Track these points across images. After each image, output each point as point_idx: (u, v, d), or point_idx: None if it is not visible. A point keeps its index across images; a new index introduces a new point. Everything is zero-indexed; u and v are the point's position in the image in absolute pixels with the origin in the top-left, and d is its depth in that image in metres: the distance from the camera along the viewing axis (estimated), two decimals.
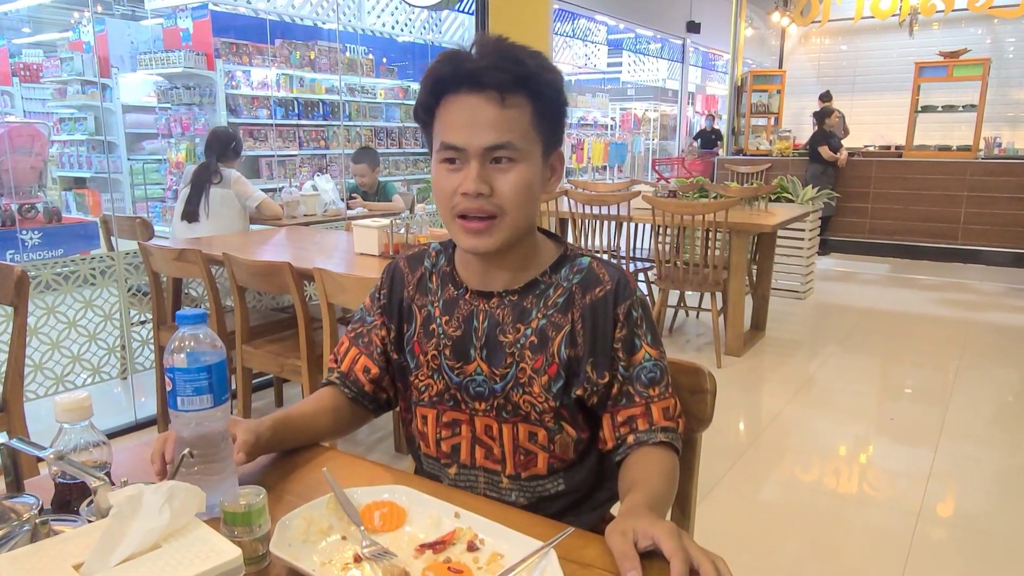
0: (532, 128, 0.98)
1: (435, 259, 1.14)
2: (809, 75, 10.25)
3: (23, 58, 8.21)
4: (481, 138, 0.95)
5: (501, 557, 0.80)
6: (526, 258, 1.06)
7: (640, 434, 1.02)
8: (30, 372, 2.82)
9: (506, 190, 0.97)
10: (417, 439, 1.15)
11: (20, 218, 6.22)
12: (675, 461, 1.02)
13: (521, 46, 0.98)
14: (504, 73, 0.94)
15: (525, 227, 1.02)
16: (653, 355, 1.05)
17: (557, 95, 1.00)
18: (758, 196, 4.82)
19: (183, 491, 0.63)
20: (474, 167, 0.96)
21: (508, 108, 0.95)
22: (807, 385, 3.83)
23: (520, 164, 0.97)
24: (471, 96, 0.95)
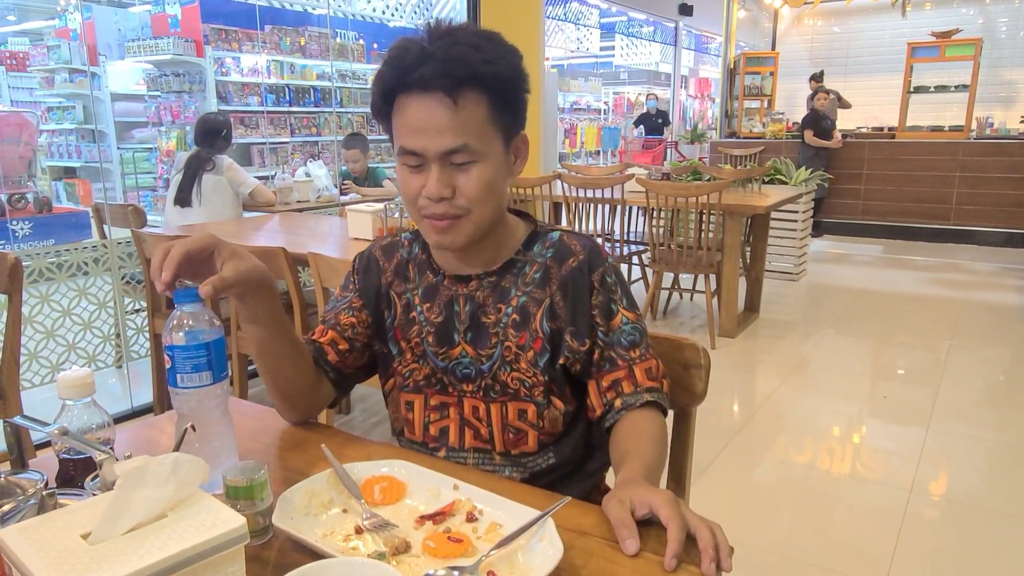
0: (489, 123, 0.96)
1: (409, 248, 1.14)
2: (802, 57, 10.24)
3: (9, 46, 8.13)
4: (437, 143, 0.94)
5: (500, 527, 0.81)
6: (499, 242, 1.07)
7: (627, 397, 1.03)
8: (25, 361, 2.82)
9: (468, 190, 0.97)
10: (402, 426, 1.16)
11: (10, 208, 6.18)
12: (663, 422, 1.04)
13: (471, 35, 0.96)
14: (449, 77, 0.92)
15: (492, 221, 1.02)
16: (631, 318, 1.07)
17: (512, 83, 0.98)
18: (752, 178, 4.83)
19: (187, 462, 0.64)
20: (434, 171, 0.96)
21: (461, 109, 0.93)
22: (800, 366, 3.86)
23: (480, 163, 0.97)
24: (423, 98, 0.94)
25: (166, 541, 0.58)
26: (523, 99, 1.01)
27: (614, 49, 14.21)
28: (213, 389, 0.89)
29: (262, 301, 0.99)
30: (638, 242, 4.87)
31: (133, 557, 0.56)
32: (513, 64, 0.98)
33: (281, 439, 1.09)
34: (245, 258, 0.94)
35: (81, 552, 0.57)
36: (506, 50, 0.98)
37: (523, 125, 1.04)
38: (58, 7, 7.73)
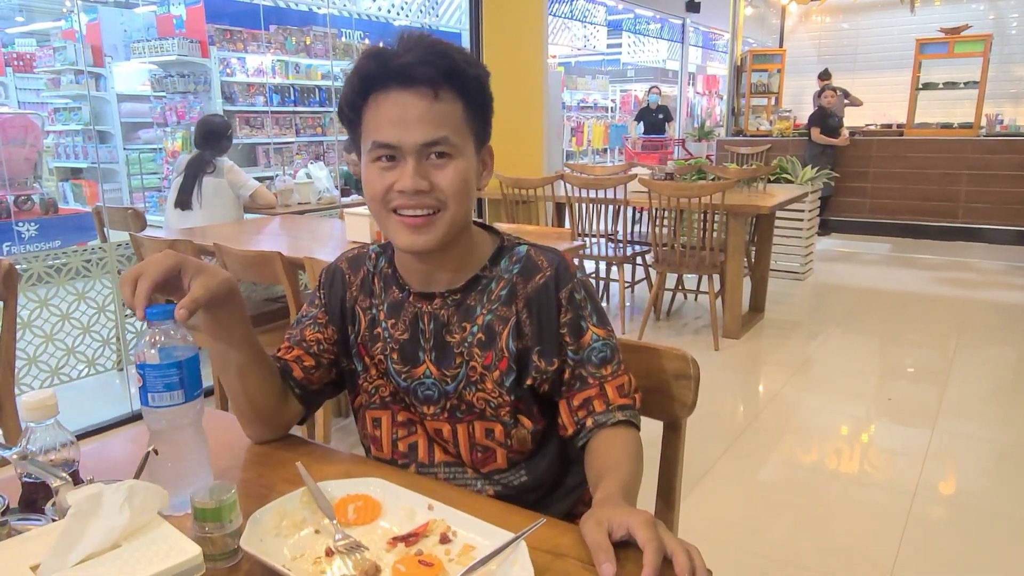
0: (464, 124, 0.97)
1: (376, 261, 1.12)
2: (810, 54, 10.16)
3: (16, 48, 8.16)
4: (416, 134, 0.93)
5: (473, 549, 0.79)
6: (465, 255, 1.05)
7: (598, 416, 1.01)
8: (24, 365, 2.83)
9: (445, 184, 0.95)
10: (369, 444, 1.14)
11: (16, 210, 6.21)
12: (637, 438, 1.02)
13: (447, 42, 0.96)
14: (434, 68, 0.92)
15: (464, 222, 1.01)
16: (601, 335, 1.04)
17: (484, 90, 0.99)
18: (757, 177, 4.80)
19: (143, 489, 0.63)
20: (411, 164, 0.94)
21: (440, 103, 0.93)
22: (805, 366, 3.82)
23: (456, 159, 0.96)
24: (401, 93, 0.93)
25: (117, 573, 0.57)
26: (491, 111, 1.02)
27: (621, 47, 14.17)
28: (186, 408, 0.88)
29: (232, 314, 0.98)
30: (642, 242, 4.84)
31: None
32: (485, 76, 0.99)
33: (259, 454, 1.07)
34: (213, 273, 0.93)
35: None
36: (476, 61, 0.99)
37: (489, 137, 1.04)
38: (64, 8, 7.75)
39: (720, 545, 2.23)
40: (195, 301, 0.89)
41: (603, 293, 5.07)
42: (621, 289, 4.42)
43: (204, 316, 0.96)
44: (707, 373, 3.91)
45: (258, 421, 1.08)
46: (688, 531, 2.32)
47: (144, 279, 0.86)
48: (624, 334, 4.34)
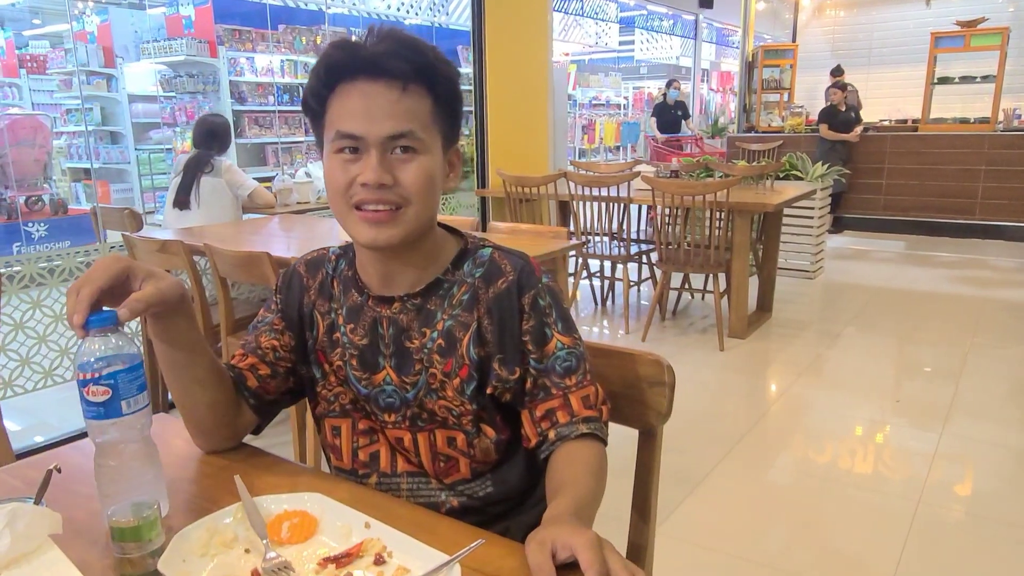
0: (432, 121, 0.94)
1: (335, 263, 1.07)
2: (823, 49, 10.02)
3: (29, 49, 8.22)
4: (382, 127, 0.90)
5: (407, 573, 0.75)
6: (427, 257, 1.00)
7: (561, 428, 0.96)
8: (18, 366, 2.82)
9: (410, 180, 0.92)
10: (329, 453, 1.10)
11: (27, 210, 6.25)
12: (601, 453, 0.97)
13: (419, 38, 0.94)
14: (405, 61, 0.90)
15: (428, 222, 0.97)
16: (566, 343, 0.98)
17: (455, 90, 0.96)
18: (765, 174, 4.71)
19: (28, 513, 0.59)
20: (374, 156, 0.90)
21: (409, 96, 0.91)
22: (812, 367, 3.74)
23: (422, 155, 0.92)
24: (369, 84, 0.90)
25: None
26: (461, 111, 0.99)
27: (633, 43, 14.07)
28: (129, 420, 0.83)
29: (179, 322, 0.94)
30: (646, 241, 4.77)
31: None
32: (456, 74, 0.96)
33: (211, 465, 1.03)
34: (163, 278, 0.89)
35: None
36: (444, 57, 0.95)
37: (458, 138, 1.01)
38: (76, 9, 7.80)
39: (716, 552, 2.17)
40: (142, 300, 0.85)
41: (608, 292, 5.01)
42: (625, 288, 4.36)
43: (153, 323, 0.93)
44: (711, 374, 3.86)
45: (208, 431, 1.04)
46: (684, 537, 2.28)
47: (87, 285, 0.82)
48: (628, 334, 4.28)
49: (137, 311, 0.85)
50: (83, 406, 0.82)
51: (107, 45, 7.51)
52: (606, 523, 1.23)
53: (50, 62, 7.88)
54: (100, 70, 7.49)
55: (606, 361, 1.18)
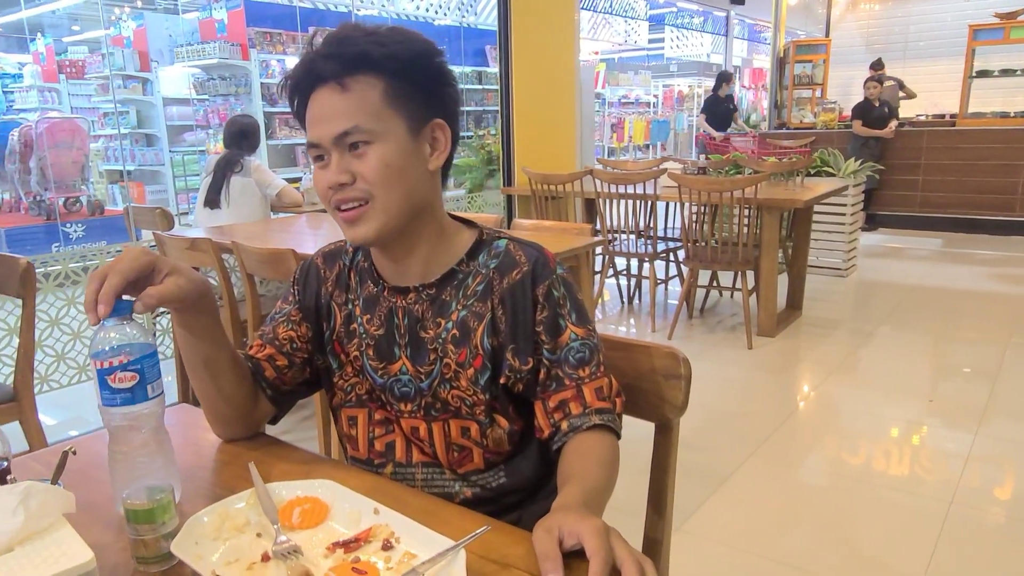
0: (385, 106, 0.92)
1: (352, 255, 1.09)
2: (857, 43, 9.84)
3: (69, 55, 8.42)
4: (328, 129, 0.92)
5: (414, 557, 0.75)
6: (435, 247, 1.01)
7: (574, 419, 0.96)
8: (53, 362, 2.90)
9: (366, 173, 0.92)
10: (345, 443, 1.11)
11: (65, 211, 6.42)
12: (613, 445, 0.96)
13: (374, 26, 0.94)
14: (335, 60, 0.91)
15: (404, 210, 0.96)
16: (580, 334, 0.98)
17: (413, 65, 0.94)
18: (795, 171, 4.64)
19: (42, 492, 0.60)
20: (334, 159, 0.93)
21: (350, 92, 0.91)
22: (843, 366, 3.68)
23: (376, 144, 0.92)
24: (318, 92, 0.93)
25: None
26: (434, 89, 0.97)
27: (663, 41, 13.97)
28: (145, 407, 0.85)
29: (201, 317, 0.96)
30: (673, 239, 4.73)
31: None
32: (413, 49, 0.94)
33: (226, 453, 1.05)
34: (185, 275, 0.91)
35: None
36: (407, 37, 0.94)
37: (441, 112, 0.98)
38: (112, 15, 7.98)
39: (740, 551, 2.15)
40: (161, 295, 0.87)
41: (634, 291, 4.98)
42: (652, 286, 4.33)
43: (176, 317, 0.96)
44: (738, 372, 3.81)
45: (227, 420, 1.06)
46: (707, 536, 2.26)
47: (113, 275, 0.84)
48: (654, 332, 4.25)
49: (150, 305, 0.86)
50: (104, 394, 0.83)
51: (142, 49, 7.67)
52: (622, 518, 1.22)
53: (88, 67, 8.07)
54: (136, 74, 7.65)
55: (622, 354, 1.17)
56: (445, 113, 0.98)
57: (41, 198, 6.51)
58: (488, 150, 6.52)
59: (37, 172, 6.39)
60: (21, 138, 6.40)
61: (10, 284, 2.08)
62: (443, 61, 0.97)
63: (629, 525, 1.17)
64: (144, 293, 0.86)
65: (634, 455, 1.26)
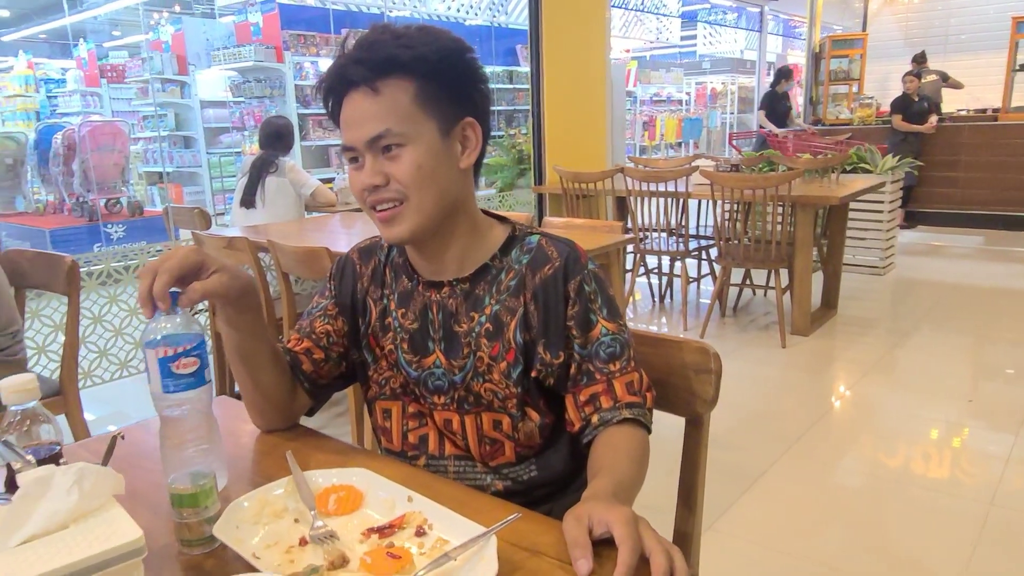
0: (416, 108, 0.94)
1: (388, 251, 1.11)
2: (895, 37, 9.65)
3: (109, 60, 8.63)
4: (361, 132, 0.94)
5: (446, 543, 0.77)
6: (469, 243, 1.03)
7: (604, 413, 0.97)
8: (96, 358, 2.98)
9: (400, 174, 0.94)
10: (380, 435, 1.13)
11: (106, 212, 6.59)
12: (644, 439, 0.97)
13: (402, 27, 0.95)
14: (364, 65, 0.93)
15: (437, 209, 0.97)
16: (611, 329, 1.00)
17: (443, 66, 0.95)
18: (830, 167, 4.58)
19: (94, 473, 0.63)
20: (368, 161, 0.95)
21: (381, 96, 0.93)
22: (879, 365, 3.62)
23: (408, 147, 0.94)
24: (352, 93, 0.95)
25: (55, 553, 0.57)
26: (465, 88, 0.98)
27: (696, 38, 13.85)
28: (197, 393, 0.88)
29: (243, 313, 0.99)
30: (705, 237, 4.70)
31: (16, 571, 0.55)
32: (443, 49, 0.95)
33: (260, 440, 1.08)
34: (231, 271, 0.95)
35: None
36: (436, 37, 0.95)
37: (474, 114, 0.99)
38: (152, 20, 8.15)
39: (772, 551, 2.13)
40: (204, 290, 0.90)
41: (666, 289, 4.96)
42: (684, 285, 4.30)
43: (221, 310, 0.99)
44: (771, 371, 3.77)
45: (266, 412, 1.09)
46: (738, 534, 2.24)
47: (163, 273, 0.87)
48: (686, 331, 4.22)
49: (194, 300, 0.90)
50: (167, 381, 0.85)
51: (181, 53, 7.83)
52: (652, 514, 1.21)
53: (128, 71, 8.27)
54: (174, 77, 7.82)
55: (652, 349, 1.17)
56: (476, 111, 0.99)
57: (83, 199, 6.69)
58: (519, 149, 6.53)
59: (80, 174, 6.57)
60: (65, 141, 6.59)
61: (56, 282, 2.15)
62: (473, 58, 0.98)
63: (659, 521, 1.16)
64: (189, 288, 0.89)
65: (664, 451, 1.26)
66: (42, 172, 7.15)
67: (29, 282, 2.23)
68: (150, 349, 0.84)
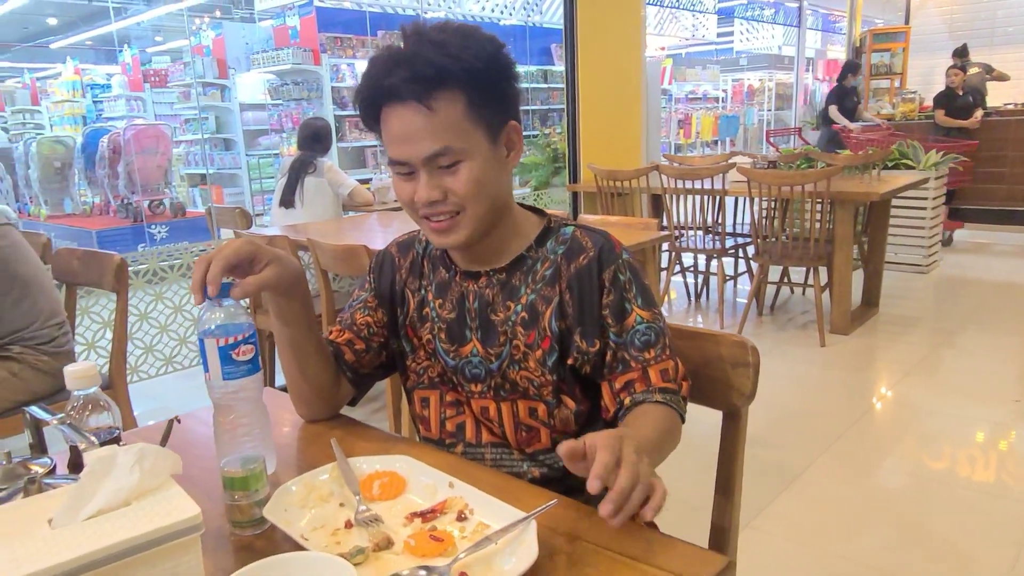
0: (468, 120, 0.94)
1: (425, 243, 1.13)
2: (939, 30, 9.43)
3: (152, 65, 8.85)
4: (419, 149, 0.94)
5: (487, 527, 0.79)
6: (506, 237, 1.05)
7: (637, 395, 0.98)
8: (142, 354, 3.07)
9: (458, 189, 0.95)
10: (418, 424, 1.16)
11: (150, 213, 6.77)
12: (674, 419, 0.97)
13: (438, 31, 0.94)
14: (418, 83, 0.91)
15: (491, 215, 1.00)
16: (645, 317, 1.01)
17: (488, 74, 0.95)
18: (871, 164, 4.50)
19: (154, 453, 0.66)
20: (423, 177, 0.95)
21: (436, 112, 0.92)
22: (922, 365, 3.55)
23: (466, 162, 0.95)
24: (400, 108, 0.93)
25: (118, 528, 0.60)
26: (506, 89, 0.98)
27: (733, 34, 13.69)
28: (250, 380, 0.91)
29: (293, 303, 1.03)
30: (742, 235, 4.65)
31: (84, 543, 0.58)
32: (487, 55, 0.94)
33: (304, 429, 1.12)
34: (283, 264, 0.97)
35: (40, 537, 0.60)
36: (476, 42, 0.94)
37: (514, 115, 1.00)
38: (193, 25, 8.34)
39: (812, 549, 2.11)
40: (258, 284, 0.94)
41: (702, 288, 4.92)
42: (720, 283, 4.27)
43: (271, 300, 1.02)
44: (810, 370, 3.71)
45: (312, 401, 1.12)
46: (777, 532, 2.22)
47: (218, 260, 0.90)
48: (723, 329, 4.18)
49: (248, 292, 0.93)
50: (226, 368, 0.88)
51: (221, 57, 7.99)
52: (690, 512, 1.23)
53: (170, 75, 8.47)
54: (215, 81, 7.98)
55: (689, 343, 1.18)
56: (515, 112, 1.01)
57: (128, 201, 6.88)
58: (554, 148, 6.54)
59: (124, 177, 6.76)
60: (110, 145, 6.78)
61: (105, 279, 2.22)
62: (510, 58, 0.98)
63: (696, 519, 1.18)
64: (244, 281, 0.92)
65: (701, 448, 1.26)
66: (88, 175, 7.37)
67: (80, 280, 2.30)
68: (209, 338, 0.87)
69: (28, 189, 7.69)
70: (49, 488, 0.68)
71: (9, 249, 1.89)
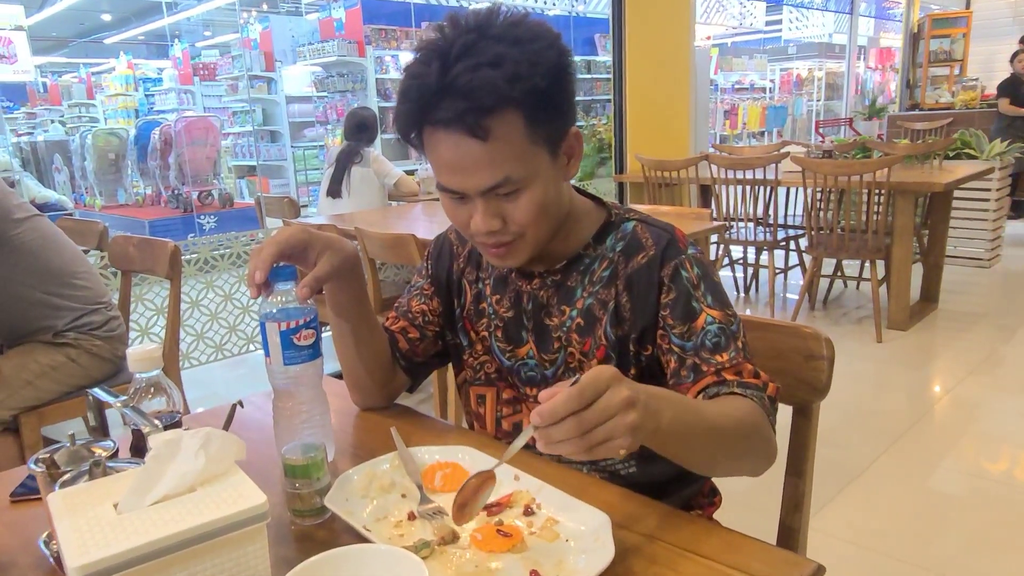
0: (529, 143, 0.84)
1: None
2: (1003, 14, 9.04)
3: (202, 58, 9.00)
4: (475, 182, 0.85)
5: (556, 523, 0.75)
6: (563, 237, 0.97)
7: (710, 388, 0.88)
8: (193, 340, 3.11)
9: (520, 216, 0.88)
10: (473, 421, 1.12)
11: (199, 204, 6.89)
12: (754, 412, 0.84)
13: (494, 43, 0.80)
14: (472, 113, 0.80)
15: (549, 233, 0.93)
16: (717, 317, 0.90)
17: (549, 88, 0.83)
18: (932, 153, 4.33)
19: (219, 438, 0.64)
20: (480, 206, 0.87)
21: (494, 140, 0.81)
22: (987, 363, 3.40)
23: (526, 189, 0.86)
24: (450, 133, 0.82)
25: (185, 515, 0.58)
26: (566, 95, 0.86)
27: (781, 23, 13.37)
28: (308, 367, 0.89)
29: (348, 289, 1.00)
30: (795, 226, 4.53)
31: (151, 529, 0.56)
32: (547, 65, 0.82)
33: (362, 418, 1.09)
34: (338, 251, 0.94)
35: (106, 521, 0.58)
36: (536, 51, 0.82)
37: (572, 120, 0.90)
38: (241, 19, 8.45)
39: (872, 551, 2.03)
40: (317, 279, 0.91)
41: (751, 281, 4.81)
42: (771, 276, 4.16)
43: (327, 287, 0.99)
44: (867, 366, 3.59)
45: (367, 388, 1.09)
46: (836, 533, 2.15)
47: (270, 246, 0.88)
48: None
49: (314, 290, 0.89)
50: (288, 353, 0.86)
51: (268, 50, 8.08)
52: (754, 516, 1.18)
53: (219, 69, 8.61)
54: (262, 74, 8.08)
55: (758, 335, 1.12)
56: (574, 115, 0.91)
57: (178, 192, 7.02)
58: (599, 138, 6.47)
59: (175, 168, 6.90)
60: (162, 137, 6.92)
61: (160, 266, 2.24)
62: (568, 55, 0.87)
63: (763, 521, 1.12)
64: (303, 283, 0.88)
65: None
66: (141, 166, 7.54)
67: (135, 267, 2.33)
68: (271, 323, 0.85)
69: (84, 180, 7.91)
70: (113, 472, 0.67)
71: (39, 242, 1.89)
